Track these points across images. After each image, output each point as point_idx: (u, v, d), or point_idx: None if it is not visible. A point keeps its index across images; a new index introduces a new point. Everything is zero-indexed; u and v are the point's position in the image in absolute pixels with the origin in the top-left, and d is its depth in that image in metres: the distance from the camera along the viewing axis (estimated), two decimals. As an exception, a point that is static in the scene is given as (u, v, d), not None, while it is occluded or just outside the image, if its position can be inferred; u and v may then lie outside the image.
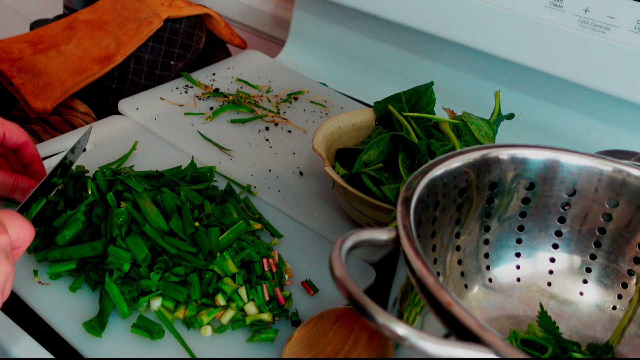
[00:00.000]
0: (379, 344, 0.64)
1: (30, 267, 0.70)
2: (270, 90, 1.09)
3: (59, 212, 0.73)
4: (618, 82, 0.91)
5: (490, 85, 1.04)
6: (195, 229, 0.71)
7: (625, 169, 0.65)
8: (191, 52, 1.08)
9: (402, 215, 0.53)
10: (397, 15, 1.06)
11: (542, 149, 0.66)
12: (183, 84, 1.06)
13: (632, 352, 0.64)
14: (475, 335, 0.44)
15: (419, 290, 0.49)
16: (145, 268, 0.67)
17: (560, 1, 0.93)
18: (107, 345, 0.63)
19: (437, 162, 0.60)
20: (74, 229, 0.69)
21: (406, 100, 0.87)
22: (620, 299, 0.67)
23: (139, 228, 0.69)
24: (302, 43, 1.24)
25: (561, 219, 0.68)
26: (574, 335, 0.66)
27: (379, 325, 0.45)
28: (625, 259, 0.67)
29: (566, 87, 0.98)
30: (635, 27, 0.88)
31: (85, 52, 1.00)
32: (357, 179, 0.78)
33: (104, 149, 0.89)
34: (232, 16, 1.40)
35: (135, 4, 1.06)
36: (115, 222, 0.69)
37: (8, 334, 0.64)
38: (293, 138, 0.98)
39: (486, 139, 0.79)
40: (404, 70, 1.13)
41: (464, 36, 1.01)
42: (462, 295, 0.66)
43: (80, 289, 0.68)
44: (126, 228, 0.69)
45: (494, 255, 0.68)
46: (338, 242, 0.51)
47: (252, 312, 0.67)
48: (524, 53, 0.97)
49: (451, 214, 0.63)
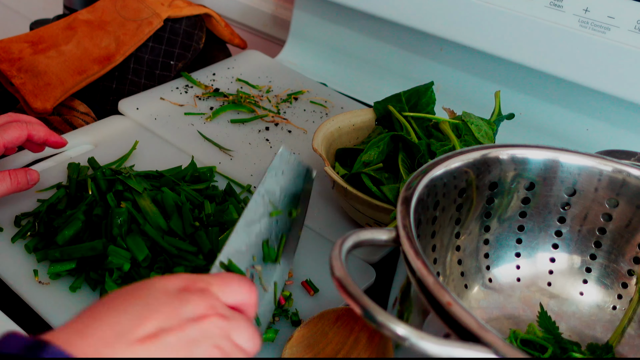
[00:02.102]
0: (379, 344, 0.64)
1: (31, 266, 0.70)
2: (270, 90, 1.09)
3: (59, 212, 0.73)
4: (618, 82, 0.91)
5: (490, 85, 1.04)
6: (195, 228, 0.71)
7: (625, 169, 0.65)
8: (191, 52, 1.08)
9: (402, 215, 0.53)
10: (397, 15, 1.06)
11: (542, 149, 0.66)
12: (183, 84, 1.06)
13: (632, 352, 0.64)
14: (475, 335, 0.44)
15: (419, 290, 0.49)
16: (145, 268, 0.67)
17: (560, 1, 0.93)
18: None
19: (437, 162, 0.60)
20: (74, 228, 0.69)
21: (406, 100, 0.87)
22: (620, 299, 0.67)
23: (139, 228, 0.69)
24: (302, 43, 1.24)
25: (561, 219, 0.68)
26: (574, 335, 0.66)
27: (379, 325, 0.45)
28: (625, 259, 0.67)
29: (566, 87, 0.97)
30: (635, 27, 0.88)
31: (85, 52, 1.00)
32: (357, 179, 0.78)
33: (104, 149, 0.89)
34: (232, 16, 1.40)
35: (135, 4, 1.06)
36: (115, 222, 0.69)
37: (8, 334, 0.64)
38: (293, 138, 0.98)
39: (486, 139, 0.79)
40: (404, 70, 1.13)
41: (464, 36, 1.01)
42: (462, 295, 0.66)
43: (80, 289, 0.68)
44: (126, 228, 0.69)
45: (494, 255, 0.68)
46: (338, 242, 0.51)
47: (252, 312, 0.67)
48: (524, 53, 0.97)
49: (451, 214, 0.63)
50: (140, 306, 0.45)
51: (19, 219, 0.74)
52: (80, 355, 0.41)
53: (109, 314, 0.44)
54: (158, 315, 0.44)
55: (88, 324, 0.43)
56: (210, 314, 0.46)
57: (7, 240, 0.72)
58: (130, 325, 0.43)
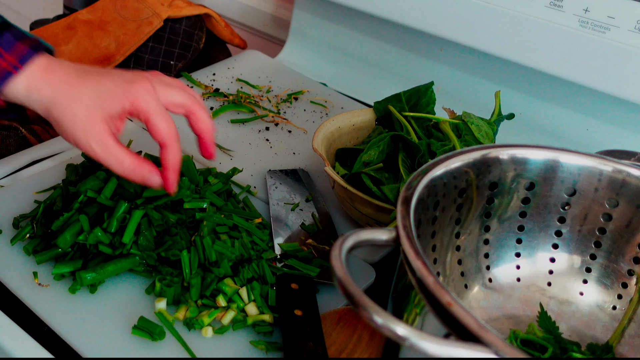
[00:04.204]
0: (380, 342, 0.64)
1: (30, 268, 0.70)
2: (271, 90, 1.09)
3: (56, 213, 0.72)
4: (618, 82, 0.91)
5: (490, 85, 1.04)
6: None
7: (625, 169, 0.65)
8: (191, 52, 1.08)
9: (402, 215, 0.53)
10: (397, 15, 1.06)
11: (542, 149, 0.66)
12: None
13: (632, 352, 0.64)
14: (475, 335, 0.44)
15: (419, 290, 0.49)
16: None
17: (560, 1, 0.93)
18: (107, 345, 0.63)
19: (437, 162, 0.60)
20: (73, 229, 0.69)
21: (406, 100, 0.87)
22: (620, 299, 0.67)
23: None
24: (302, 43, 1.24)
25: (561, 219, 0.68)
26: (574, 335, 0.66)
27: (379, 326, 0.45)
28: (625, 259, 0.67)
29: (566, 87, 0.97)
30: (635, 27, 0.88)
31: (85, 52, 1.00)
32: (357, 179, 0.78)
33: (104, 149, 0.89)
34: (232, 16, 1.40)
35: (135, 4, 1.06)
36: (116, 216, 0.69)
37: (8, 334, 0.64)
38: (293, 138, 0.98)
39: (486, 139, 0.79)
40: (404, 70, 1.13)
41: (464, 36, 1.01)
42: (462, 295, 0.66)
43: (79, 290, 0.68)
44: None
45: (494, 255, 0.68)
46: (338, 242, 0.51)
47: (253, 312, 0.67)
48: (524, 53, 0.97)
49: (451, 214, 0.63)
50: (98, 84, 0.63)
51: (18, 220, 0.74)
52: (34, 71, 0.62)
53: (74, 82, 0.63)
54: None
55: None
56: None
57: (6, 242, 0.72)
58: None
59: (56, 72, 0.62)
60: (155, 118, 0.63)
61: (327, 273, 0.71)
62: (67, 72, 0.62)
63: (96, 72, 0.64)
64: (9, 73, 0.61)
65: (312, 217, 0.81)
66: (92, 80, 0.63)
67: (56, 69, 0.62)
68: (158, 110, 0.63)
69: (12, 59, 0.61)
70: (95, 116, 0.61)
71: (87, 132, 0.61)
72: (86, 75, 0.63)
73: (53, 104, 0.61)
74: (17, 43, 0.62)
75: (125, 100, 0.62)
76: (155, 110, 0.63)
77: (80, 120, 0.61)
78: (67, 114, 0.61)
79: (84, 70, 0.63)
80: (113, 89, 0.62)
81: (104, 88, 0.62)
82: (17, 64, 0.61)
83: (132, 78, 0.63)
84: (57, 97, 0.61)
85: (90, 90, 0.62)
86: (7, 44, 0.61)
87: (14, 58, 0.61)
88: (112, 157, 0.62)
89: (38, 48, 0.62)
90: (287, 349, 0.60)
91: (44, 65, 0.62)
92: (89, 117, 0.61)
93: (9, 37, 0.62)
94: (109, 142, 0.62)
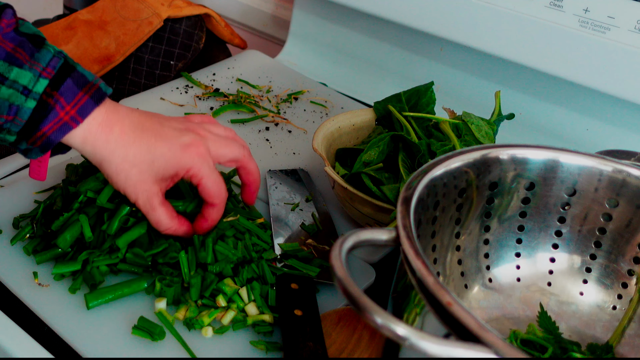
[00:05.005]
0: (380, 342, 0.64)
1: (30, 269, 0.70)
2: (271, 90, 1.09)
3: (56, 213, 0.72)
4: (618, 82, 0.91)
5: (490, 85, 1.04)
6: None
7: (625, 169, 0.65)
8: (191, 52, 1.08)
9: (402, 215, 0.53)
10: (397, 15, 1.06)
11: (542, 149, 0.66)
12: (183, 84, 1.06)
13: (632, 352, 0.64)
14: (475, 335, 0.44)
15: (419, 290, 0.49)
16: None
17: (560, 1, 0.93)
18: (107, 345, 0.63)
19: (437, 162, 0.60)
20: (73, 230, 0.69)
21: (406, 100, 0.87)
22: (620, 299, 0.67)
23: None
24: (302, 43, 1.24)
25: (561, 219, 0.68)
26: (574, 335, 0.66)
27: (379, 326, 0.45)
28: (625, 259, 0.67)
29: (566, 87, 0.97)
30: (635, 27, 0.88)
31: (85, 52, 1.00)
32: (357, 179, 0.78)
33: (104, 149, 0.89)
34: (232, 16, 1.40)
35: (135, 4, 1.06)
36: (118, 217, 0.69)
37: (8, 334, 0.64)
38: (293, 138, 0.98)
39: (486, 139, 0.79)
40: (404, 70, 1.13)
41: (464, 36, 1.01)
42: (462, 295, 0.66)
43: (80, 290, 0.68)
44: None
45: (494, 255, 0.68)
46: (338, 242, 0.51)
47: (253, 312, 0.67)
48: (524, 53, 0.97)
49: (451, 214, 0.63)
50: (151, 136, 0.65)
51: (18, 220, 0.74)
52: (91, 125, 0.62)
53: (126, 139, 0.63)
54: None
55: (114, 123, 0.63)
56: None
57: (6, 242, 0.72)
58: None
59: (113, 129, 0.62)
60: (207, 182, 0.66)
61: (327, 273, 0.71)
62: (123, 130, 0.63)
63: (152, 131, 0.64)
64: (69, 127, 0.60)
65: (312, 217, 0.81)
66: (147, 141, 0.64)
67: (113, 125, 0.63)
68: (210, 175, 0.66)
69: (74, 112, 0.60)
70: (148, 179, 0.64)
71: (138, 191, 0.64)
72: (142, 133, 0.64)
73: (107, 162, 0.63)
74: (79, 93, 0.60)
75: (179, 168, 0.65)
76: (207, 176, 0.66)
77: (132, 181, 0.64)
78: (119, 173, 0.63)
79: (141, 127, 0.64)
80: (167, 154, 0.64)
81: (158, 153, 0.64)
82: (77, 117, 0.60)
83: (187, 142, 0.65)
84: (110, 156, 0.63)
85: (144, 153, 0.63)
86: (69, 94, 0.60)
87: (75, 111, 0.60)
88: (152, 217, 0.66)
89: (99, 98, 0.62)
90: (287, 349, 0.60)
91: (102, 119, 0.62)
92: (141, 179, 0.64)
93: (70, 85, 0.60)
94: (154, 203, 0.65)
